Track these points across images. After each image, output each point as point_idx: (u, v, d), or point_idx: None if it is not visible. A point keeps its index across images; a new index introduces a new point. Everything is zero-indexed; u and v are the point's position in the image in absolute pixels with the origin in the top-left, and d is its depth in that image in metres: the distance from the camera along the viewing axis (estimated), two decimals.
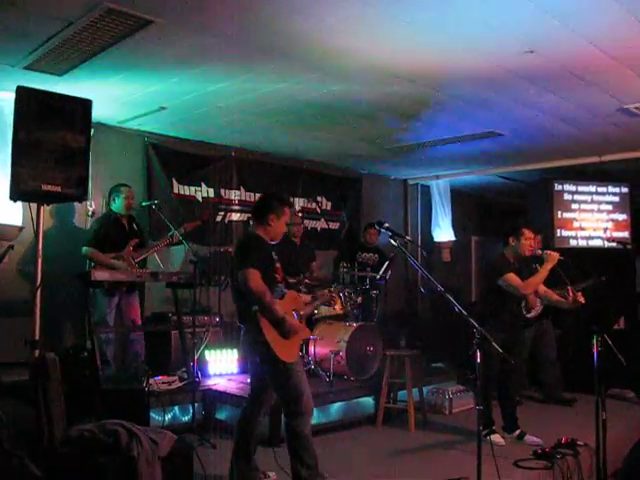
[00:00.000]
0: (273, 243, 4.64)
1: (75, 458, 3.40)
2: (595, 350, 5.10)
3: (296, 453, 4.30)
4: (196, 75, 5.58)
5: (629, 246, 8.73)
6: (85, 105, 4.78)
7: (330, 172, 9.46)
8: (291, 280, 7.22)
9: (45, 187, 4.63)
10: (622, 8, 4.18)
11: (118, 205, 6.59)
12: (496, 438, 5.65)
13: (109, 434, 3.47)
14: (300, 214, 8.84)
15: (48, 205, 5.38)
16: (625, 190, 9.58)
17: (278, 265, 4.61)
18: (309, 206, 9.20)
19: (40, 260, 4.79)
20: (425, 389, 6.92)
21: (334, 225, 9.69)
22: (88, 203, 6.80)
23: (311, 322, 7.03)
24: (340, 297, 6.83)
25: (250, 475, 4.51)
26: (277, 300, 4.36)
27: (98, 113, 6.37)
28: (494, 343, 3.73)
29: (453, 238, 10.69)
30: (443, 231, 10.66)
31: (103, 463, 3.37)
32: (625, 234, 9.37)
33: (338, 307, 6.91)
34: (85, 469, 3.37)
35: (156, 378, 5.97)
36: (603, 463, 5.01)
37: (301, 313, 4.69)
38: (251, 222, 4.93)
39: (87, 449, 3.41)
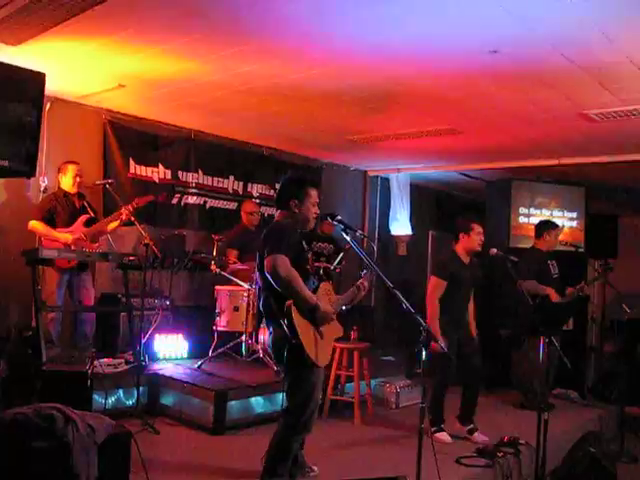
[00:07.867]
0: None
1: (6, 442, 3.31)
2: (542, 351, 5.18)
3: (272, 461, 4.10)
4: (158, 53, 5.43)
5: (581, 249, 8.85)
6: (38, 78, 4.67)
7: (290, 160, 9.37)
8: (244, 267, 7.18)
9: None
10: (588, 18, 4.21)
11: (66, 182, 6.40)
12: (442, 436, 5.68)
13: (44, 418, 3.37)
14: (257, 201, 8.77)
15: None
16: (581, 193, 9.69)
17: (309, 255, 4.22)
18: (267, 193, 9.12)
19: None
20: (373, 382, 6.93)
21: None
22: (41, 179, 6.66)
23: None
24: None
25: (293, 471, 4.35)
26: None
27: (55, 87, 6.22)
28: (439, 342, 3.71)
29: (410, 232, 10.68)
30: (400, 225, 10.64)
31: (36, 448, 3.28)
32: (579, 237, 9.49)
33: None
34: (17, 454, 3.27)
35: (102, 360, 5.86)
36: (542, 462, 5.10)
37: (333, 308, 4.20)
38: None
39: (20, 433, 3.31)
